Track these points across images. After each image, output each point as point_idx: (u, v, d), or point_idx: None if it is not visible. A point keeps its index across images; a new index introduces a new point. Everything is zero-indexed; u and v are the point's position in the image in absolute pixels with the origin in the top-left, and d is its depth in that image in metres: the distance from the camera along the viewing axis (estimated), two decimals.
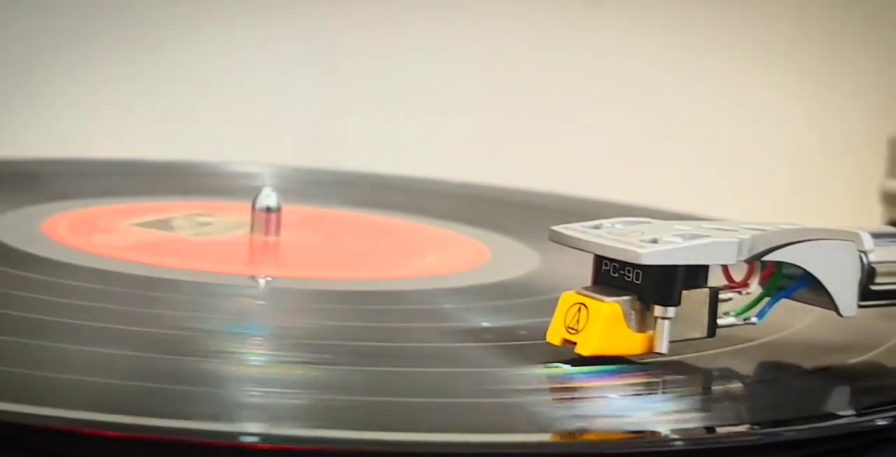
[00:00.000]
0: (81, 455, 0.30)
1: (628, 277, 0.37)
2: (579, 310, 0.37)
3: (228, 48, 0.84)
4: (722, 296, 0.38)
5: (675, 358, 0.38)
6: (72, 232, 0.51)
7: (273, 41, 0.84)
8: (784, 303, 0.40)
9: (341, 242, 0.55)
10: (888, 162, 0.77)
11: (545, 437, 0.33)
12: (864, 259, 0.39)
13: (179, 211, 0.55)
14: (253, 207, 0.51)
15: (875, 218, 0.77)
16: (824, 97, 0.90)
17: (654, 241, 0.37)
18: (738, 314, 0.39)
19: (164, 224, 0.53)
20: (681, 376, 0.38)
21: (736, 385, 0.39)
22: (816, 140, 0.90)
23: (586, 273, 0.38)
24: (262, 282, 0.48)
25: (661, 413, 0.35)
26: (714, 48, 0.89)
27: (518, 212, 0.65)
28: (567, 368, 0.37)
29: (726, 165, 0.89)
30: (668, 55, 0.89)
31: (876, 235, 0.39)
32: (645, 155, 0.88)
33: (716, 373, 0.39)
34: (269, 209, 0.51)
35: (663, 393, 0.37)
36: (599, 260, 0.38)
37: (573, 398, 0.36)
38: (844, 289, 0.39)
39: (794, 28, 0.90)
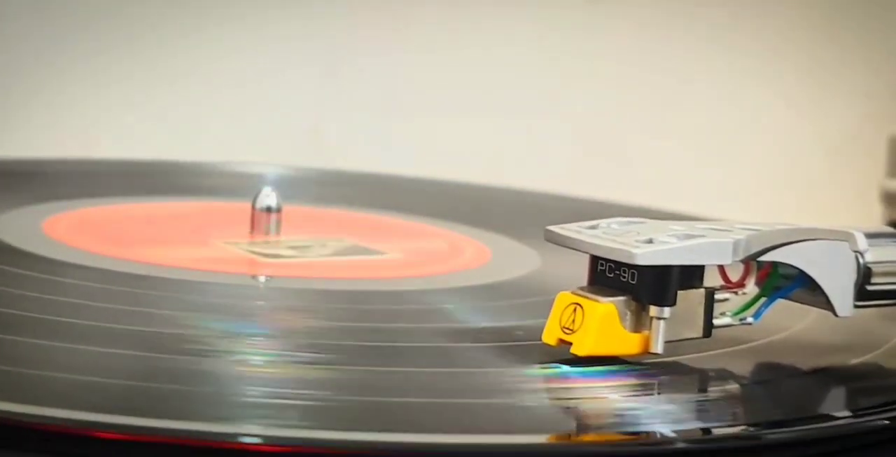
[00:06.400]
0: (81, 455, 0.30)
1: (624, 277, 0.37)
2: (575, 310, 0.37)
3: (229, 48, 0.84)
4: (718, 296, 0.38)
5: (671, 359, 0.38)
6: (72, 232, 0.51)
7: (273, 41, 0.84)
8: (783, 304, 0.40)
9: (341, 242, 0.55)
10: (888, 162, 0.77)
11: (541, 437, 0.33)
12: (860, 259, 0.39)
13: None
14: (253, 207, 0.52)
15: (875, 218, 0.77)
16: (824, 97, 0.90)
17: (650, 241, 0.37)
18: (734, 314, 0.39)
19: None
20: (677, 377, 0.38)
21: (733, 386, 0.39)
22: (816, 140, 0.90)
23: (586, 274, 0.39)
24: (262, 282, 0.48)
25: (658, 414, 0.35)
26: (714, 48, 0.89)
27: (518, 212, 0.65)
28: (564, 368, 0.37)
29: (726, 165, 0.89)
30: (667, 54, 0.89)
31: (872, 236, 0.39)
32: (644, 155, 0.88)
33: (712, 374, 0.39)
34: (269, 209, 0.51)
35: (659, 394, 0.37)
36: (595, 260, 0.38)
37: (569, 399, 0.36)
38: (840, 289, 0.39)
39: (794, 27, 0.90)
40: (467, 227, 0.58)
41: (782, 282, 0.39)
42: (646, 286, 0.37)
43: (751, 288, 0.39)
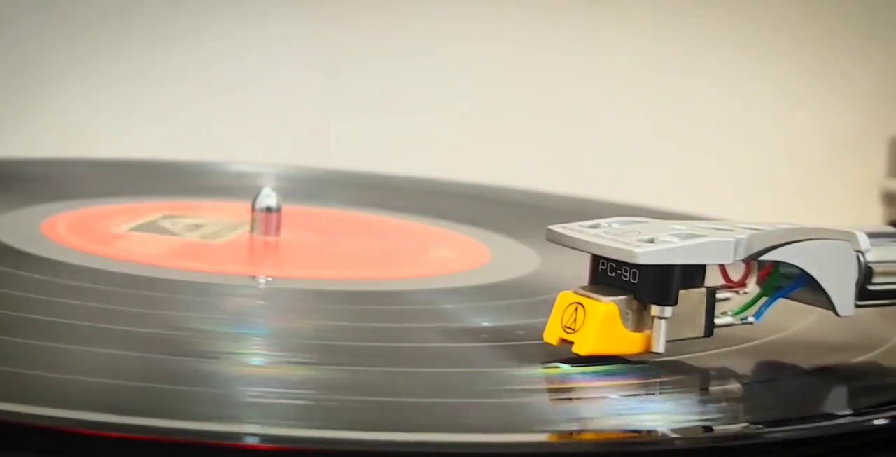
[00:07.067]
0: (81, 455, 0.30)
1: (625, 276, 0.37)
2: (576, 309, 0.37)
3: (228, 48, 0.84)
4: (719, 295, 0.38)
5: (672, 358, 0.38)
6: (71, 232, 0.51)
7: (273, 41, 0.84)
8: (784, 304, 0.40)
9: (342, 242, 0.55)
10: (888, 162, 0.77)
11: (543, 437, 0.33)
12: (862, 259, 0.39)
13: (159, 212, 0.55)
14: (253, 207, 0.51)
15: (875, 218, 0.77)
16: (824, 97, 0.90)
17: (651, 240, 0.37)
18: (735, 314, 0.39)
19: (154, 226, 0.53)
20: (679, 376, 0.38)
21: (734, 385, 0.39)
22: (817, 140, 0.90)
23: (587, 273, 0.38)
24: (262, 282, 0.48)
25: (659, 413, 0.35)
26: (714, 47, 0.89)
27: (518, 212, 0.65)
28: (565, 367, 0.37)
29: (726, 165, 0.89)
30: (667, 54, 0.89)
31: (873, 235, 0.39)
32: (645, 155, 0.88)
33: (714, 373, 0.39)
34: (269, 209, 0.51)
35: (661, 393, 0.37)
36: (596, 260, 0.38)
37: (571, 398, 0.36)
38: (841, 289, 0.39)
39: (794, 27, 0.90)
40: (467, 227, 0.58)
41: (783, 281, 0.39)
42: (647, 286, 0.37)
43: (752, 287, 0.39)
